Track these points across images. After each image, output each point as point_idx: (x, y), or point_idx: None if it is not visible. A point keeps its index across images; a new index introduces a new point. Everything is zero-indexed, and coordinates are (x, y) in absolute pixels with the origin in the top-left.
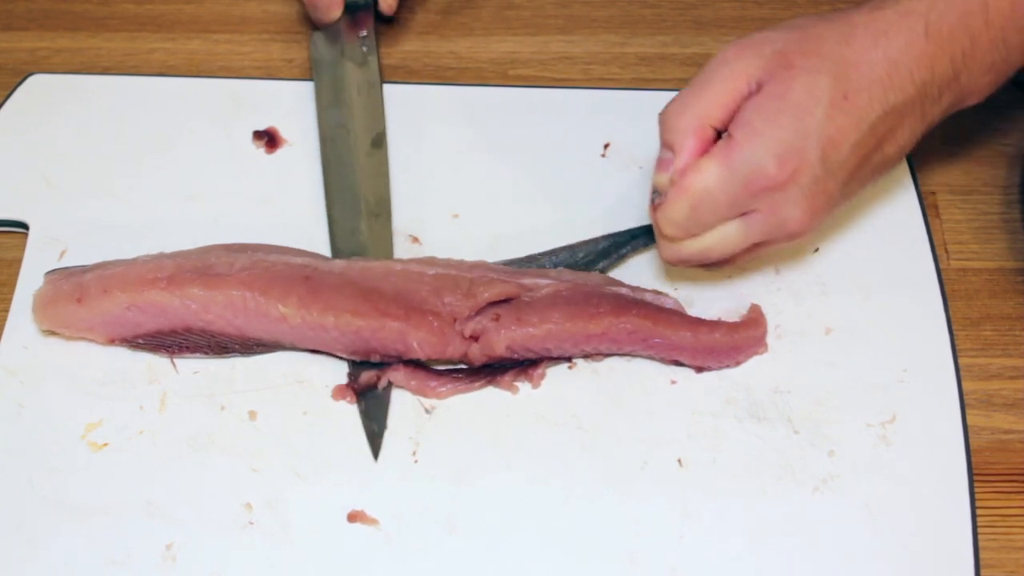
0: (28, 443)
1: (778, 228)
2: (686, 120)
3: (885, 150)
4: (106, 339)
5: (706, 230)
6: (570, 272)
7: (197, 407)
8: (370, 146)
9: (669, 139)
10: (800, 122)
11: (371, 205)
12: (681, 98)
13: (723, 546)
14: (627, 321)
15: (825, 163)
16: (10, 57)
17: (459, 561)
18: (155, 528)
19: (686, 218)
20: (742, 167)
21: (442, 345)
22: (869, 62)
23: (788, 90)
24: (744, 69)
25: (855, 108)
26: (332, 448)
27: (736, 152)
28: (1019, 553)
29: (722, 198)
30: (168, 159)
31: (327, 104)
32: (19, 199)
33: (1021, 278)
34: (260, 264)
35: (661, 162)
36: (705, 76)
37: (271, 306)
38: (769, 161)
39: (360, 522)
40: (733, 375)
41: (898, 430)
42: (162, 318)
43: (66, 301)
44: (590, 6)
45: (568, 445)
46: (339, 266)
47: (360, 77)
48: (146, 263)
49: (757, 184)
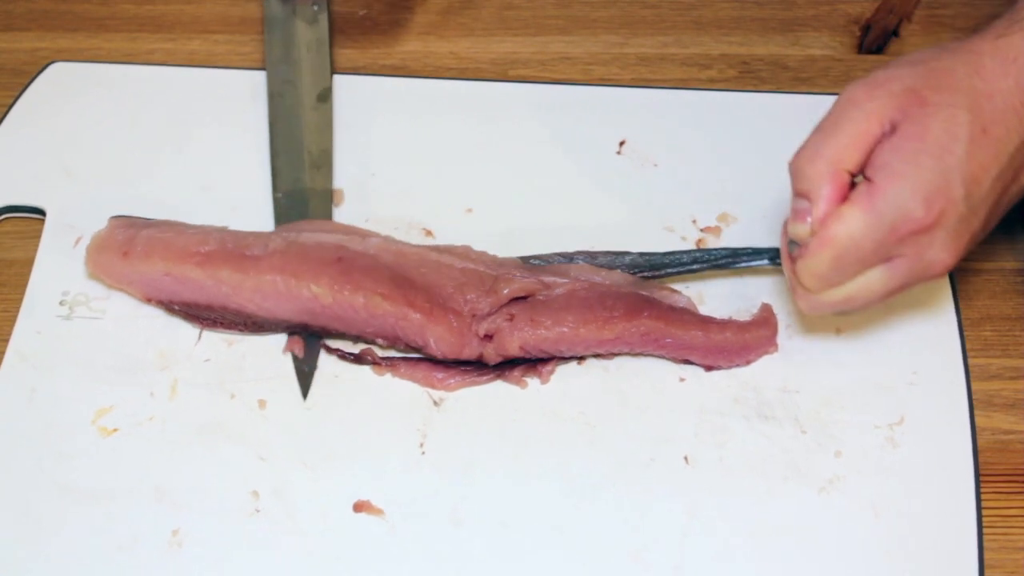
0: (39, 427)
1: (923, 271)
2: (820, 167)
3: (1022, 179)
4: (144, 296)
5: (849, 279)
6: (590, 269)
7: (207, 395)
8: (316, 101)
9: (803, 187)
10: (942, 161)
11: (314, 157)
12: (812, 144)
13: (727, 544)
14: (640, 324)
15: (969, 200)
16: (10, 57)
17: (463, 553)
18: (162, 514)
19: (830, 269)
20: (888, 212)
21: (459, 345)
22: (1002, 92)
23: (926, 129)
24: (876, 109)
25: (995, 141)
26: (340, 438)
27: (879, 197)
28: (1019, 553)
29: (868, 246)
30: (185, 148)
31: (276, 60)
32: (37, 185)
33: (1021, 278)
34: (293, 246)
35: (797, 212)
36: (834, 119)
37: (303, 287)
38: (916, 204)
39: (366, 512)
40: (742, 374)
41: (906, 432)
42: (197, 292)
43: (113, 252)
44: (590, 6)
45: (575, 441)
46: (373, 246)
47: (309, 35)
48: (194, 234)
49: (904, 229)
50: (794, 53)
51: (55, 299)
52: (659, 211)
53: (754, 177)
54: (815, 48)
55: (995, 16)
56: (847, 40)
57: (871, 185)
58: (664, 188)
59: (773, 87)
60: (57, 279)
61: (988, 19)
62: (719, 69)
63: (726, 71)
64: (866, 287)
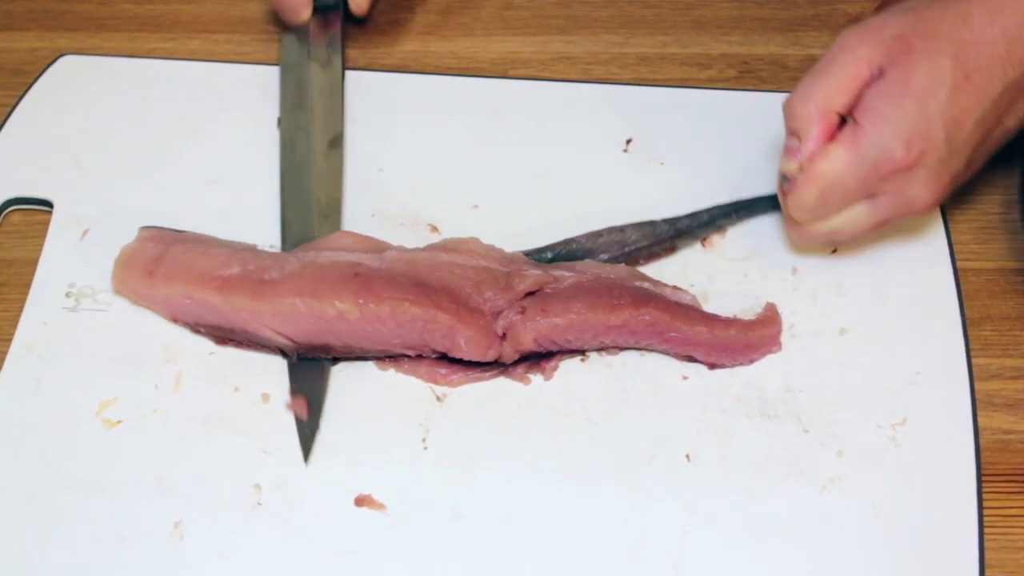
0: (43, 418)
1: (905, 207)
2: (810, 107)
3: (1006, 123)
4: (169, 316)
5: (835, 213)
6: (595, 264)
7: (211, 388)
8: (327, 147)
9: (795, 126)
10: (924, 106)
11: (322, 206)
12: (804, 86)
13: (728, 543)
14: (646, 313)
15: (950, 143)
16: (10, 57)
17: (464, 548)
18: (164, 506)
19: (816, 203)
20: (870, 152)
21: (485, 346)
22: (988, 40)
23: (911, 74)
24: (865, 55)
25: (977, 87)
26: (342, 433)
27: (863, 137)
28: (1019, 553)
29: (851, 182)
30: (193, 142)
31: (289, 108)
32: (45, 177)
33: (1021, 278)
34: (309, 267)
35: (788, 149)
36: (826, 63)
37: (326, 305)
38: (896, 145)
39: (367, 507)
40: (745, 372)
41: (908, 432)
42: (219, 317)
43: (138, 271)
44: (590, 6)
45: (577, 437)
46: (386, 260)
47: (323, 79)
48: (217, 255)
49: (885, 168)
50: (794, 53)
51: (61, 291)
52: (665, 208)
53: (757, 177)
54: (815, 48)
55: None
56: None
57: (857, 127)
58: (670, 186)
59: (773, 87)
60: (64, 271)
61: None
62: (719, 69)
63: (726, 71)
64: (851, 221)
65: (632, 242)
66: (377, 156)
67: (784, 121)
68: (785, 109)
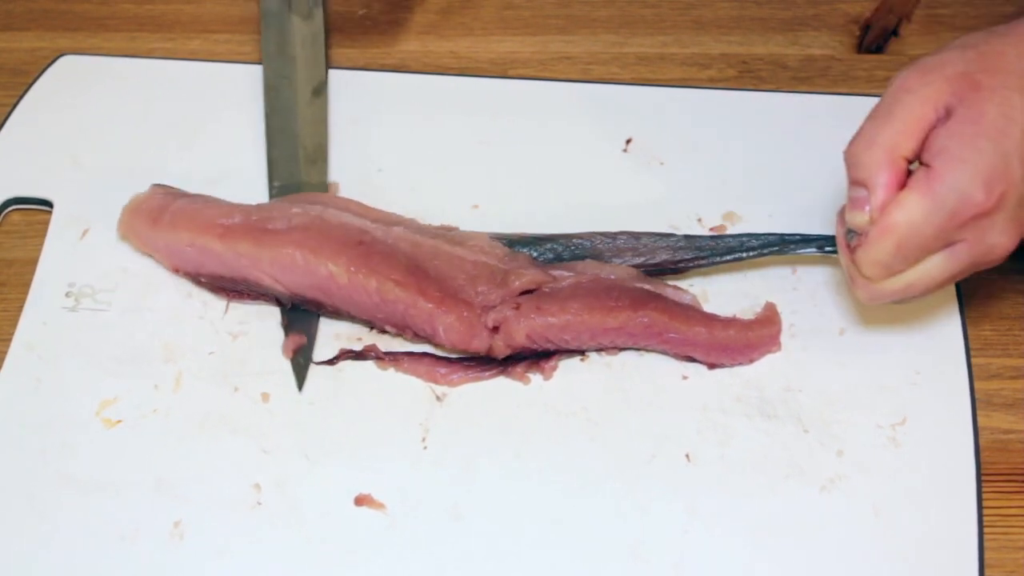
0: (43, 418)
1: (984, 255)
2: (876, 154)
3: None
4: (171, 266)
5: (910, 267)
6: (596, 265)
7: (211, 387)
8: (311, 96)
9: (860, 176)
10: (1000, 144)
11: (309, 152)
12: (866, 131)
13: (728, 542)
14: (644, 315)
15: None
16: (10, 57)
17: (463, 548)
18: (164, 505)
19: (892, 257)
20: (948, 197)
21: (468, 336)
22: None
23: (982, 113)
24: (930, 95)
25: None
26: (342, 432)
27: (938, 183)
28: (1019, 553)
29: (929, 232)
30: (193, 142)
31: (272, 54)
32: (45, 177)
33: (1021, 278)
34: (316, 222)
35: (855, 201)
36: (888, 105)
37: (321, 264)
38: (976, 188)
39: (367, 506)
40: (744, 372)
41: (908, 432)
42: (219, 264)
43: (144, 217)
44: (590, 6)
45: (577, 437)
46: (393, 235)
47: (304, 30)
48: (221, 207)
49: (965, 213)
50: (794, 53)
51: (61, 291)
52: (664, 208)
53: (757, 177)
54: (815, 48)
55: (994, 15)
56: (847, 40)
57: (930, 171)
58: (670, 186)
59: (773, 87)
60: (63, 271)
61: (987, 18)
62: (719, 69)
63: (726, 71)
64: (927, 274)
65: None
66: (377, 156)
67: (847, 171)
68: (847, 157)
